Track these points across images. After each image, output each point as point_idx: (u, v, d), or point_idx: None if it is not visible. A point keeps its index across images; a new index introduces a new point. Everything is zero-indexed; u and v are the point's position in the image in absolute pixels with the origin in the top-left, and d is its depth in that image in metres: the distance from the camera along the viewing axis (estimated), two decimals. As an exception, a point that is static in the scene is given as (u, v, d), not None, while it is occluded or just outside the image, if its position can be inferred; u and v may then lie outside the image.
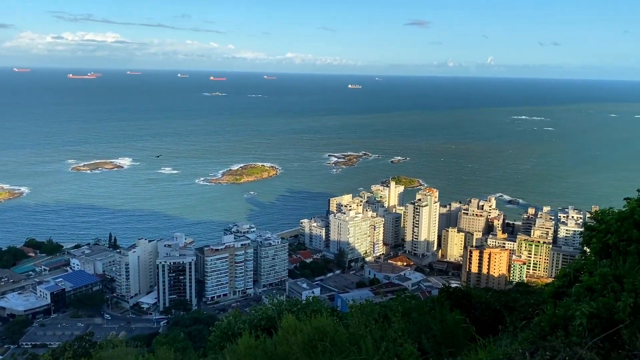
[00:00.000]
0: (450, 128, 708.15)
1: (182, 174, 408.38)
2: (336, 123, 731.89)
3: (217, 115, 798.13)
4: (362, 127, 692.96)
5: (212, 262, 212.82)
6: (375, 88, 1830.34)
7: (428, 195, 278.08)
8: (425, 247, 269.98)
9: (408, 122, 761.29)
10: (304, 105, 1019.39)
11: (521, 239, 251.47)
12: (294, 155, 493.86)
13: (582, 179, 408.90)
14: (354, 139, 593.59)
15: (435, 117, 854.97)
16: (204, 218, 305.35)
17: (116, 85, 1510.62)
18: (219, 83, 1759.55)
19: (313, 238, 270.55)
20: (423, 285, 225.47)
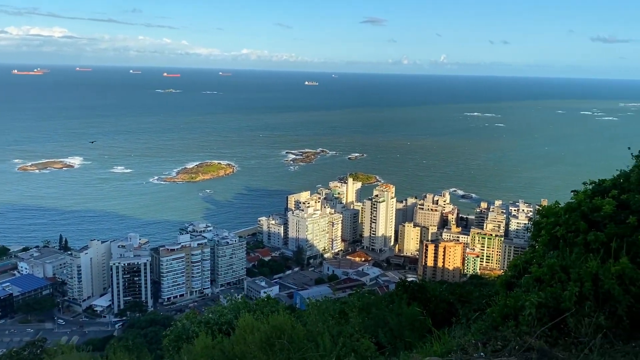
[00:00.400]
0: (406, 125, 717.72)
1: (135, 173, 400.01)
2: (293, 120, 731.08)
3: (171, 112, 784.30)
4: (319, 124, 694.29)
5: (167, 263, 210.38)
6: (331, 85, 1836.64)
7: (385, 191, 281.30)
8: (383, 243, 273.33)
9: (364, 119, 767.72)
10: (261, 102, 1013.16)
11: (474, 233, 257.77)
12: (251, 152, 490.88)
13: (532, 174, 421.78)
14: (311, 135, 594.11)
15: (390, 113, 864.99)
16: (159, 218, 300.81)
17: (65, 82, 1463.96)
18: (173, 79, 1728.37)
19: (271, 236, 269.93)
20: (381, 280, 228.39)
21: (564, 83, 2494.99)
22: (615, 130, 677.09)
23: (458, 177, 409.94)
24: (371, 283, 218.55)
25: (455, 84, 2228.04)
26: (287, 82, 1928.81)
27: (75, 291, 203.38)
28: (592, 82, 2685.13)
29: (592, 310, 9.50)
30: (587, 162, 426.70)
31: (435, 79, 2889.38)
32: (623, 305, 9.58)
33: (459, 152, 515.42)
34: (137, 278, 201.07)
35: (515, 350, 8.89)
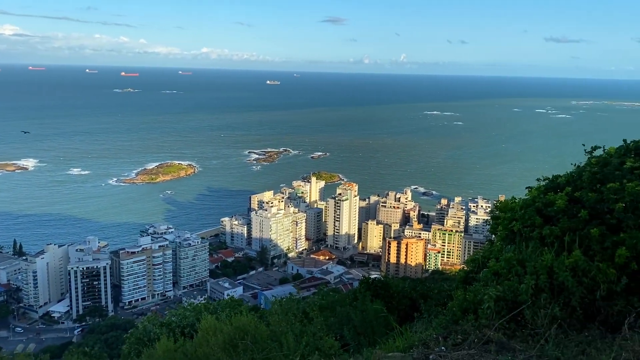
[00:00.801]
0: (368, 124, 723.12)
1: (93, 175, 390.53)
2: (256, 119, 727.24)
3: (130, 112, 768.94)
4: (281, 123, 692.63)
5: (128, 266, 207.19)
6: (293, 84, 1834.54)
7: (348, 190, 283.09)
8: (346, 240, 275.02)
9: (327, 118, 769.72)
10: (222, 101, 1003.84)
11: (435, 229, 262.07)
12: (213, 152, 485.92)
13: (490, 170, 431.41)
14: (274, 135, 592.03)
15: (353, 113, 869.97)
16: (119, 220, 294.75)
17: (17, 81, 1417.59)
18: (131, 79, 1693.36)
19: (234, 236, 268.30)
20: (345, 277, 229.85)
21: (520, 82, 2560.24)
22: (569, 128, 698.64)
23: (419, 175, 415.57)
24: (335, 281, 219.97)
25: (415, 83, 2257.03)
26: (249, 81, 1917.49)
27: (31, 297, 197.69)
28: (546, 81, 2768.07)
29: (547, 302, 9.83)
30: (543, 159, 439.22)
31: (395, 78, 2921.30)
32: (576, 297, 9.95)
33: (419, 150, 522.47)
34: (97, 282, 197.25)
35: (474, 344, 9.10)
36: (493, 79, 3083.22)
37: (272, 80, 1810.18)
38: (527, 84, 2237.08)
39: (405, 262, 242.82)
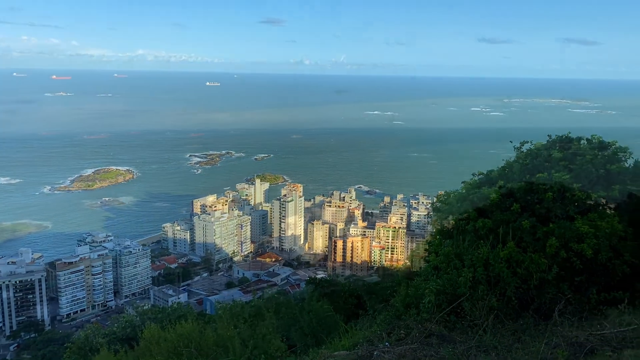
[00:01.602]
0: (310, 124, 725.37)
1: (23, 183, 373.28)
2: (196, 121, 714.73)
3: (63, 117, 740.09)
4: (223, 125, 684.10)
5: (65, 277, 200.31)
6: (234, 85, 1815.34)
7: (293, 191, 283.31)
8: (293, 242, 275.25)
9: (269, 119, 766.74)
10: (158, 103, 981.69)
11: (379, 226, 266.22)
12: (152, 157, 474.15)
13: (429, 167, 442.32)
14: (215, 137, 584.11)
15: (294, 113, 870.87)
16: (54, 230, 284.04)
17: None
18: (64, 82, 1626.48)
19: (177, 242, 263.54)
20: (292, 279, 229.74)
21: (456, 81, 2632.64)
22: (501, 125, 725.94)
23: (362, 174, 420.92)
24: (282, 283, 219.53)
25: (355, 83, 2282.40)
26: (188, 83, 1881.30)
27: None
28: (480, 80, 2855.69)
29: (484, 294, 10.22)
30: (479, 155, 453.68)
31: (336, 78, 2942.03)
32: (511, 287, 10.40)
33: (361, 150, 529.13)
34: (31, 295, 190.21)
35: (416, 338, 9.35)
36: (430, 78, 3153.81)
37: (211, 81, 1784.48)
38: (463, 83, 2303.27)
39: (351, 261, 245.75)
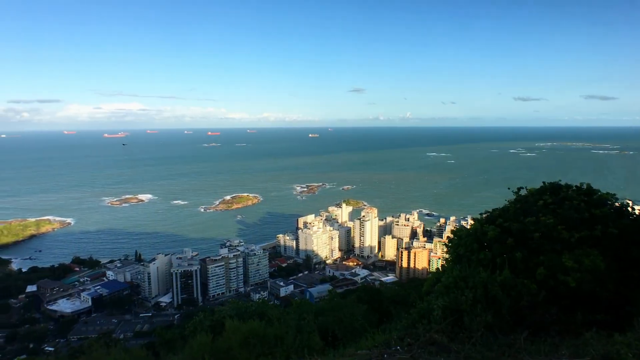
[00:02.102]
0: (383, 163, 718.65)
1: (188, 204, 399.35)
2: (301, 162, 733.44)
3: (214, 160, 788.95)
4: (320, 165, 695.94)
5: (212, 269, 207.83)
6: (328, 136, 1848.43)
7: (370, 213, 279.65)
8: (369, 251, 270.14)
9: (353, 160, 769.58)
10: (277, 150, 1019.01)
11: (436, 241, 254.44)
12: (271, 186, 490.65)
13: (476, 195, 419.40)
14: (314, 173, 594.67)
15: (372, 155, 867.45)
16: (205, 236, 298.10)
17: (140, 142, 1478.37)
18: (215, 137, 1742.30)
19: (286, 248, 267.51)
20: (369, 278, 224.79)
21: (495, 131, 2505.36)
22: (534, 162, 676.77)
23: (423, 200, 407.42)
24: (361, 281, 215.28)
25: (417, 133, 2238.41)
26: (296, 135, 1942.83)
27: (146, 291, 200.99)
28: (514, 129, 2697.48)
29: (482, 311, 9.27)
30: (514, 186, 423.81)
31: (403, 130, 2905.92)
32: (505, 306, 9.34)
33: (423, 182, 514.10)
34: (190, 281, 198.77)
35: (421, 345, 8.63)
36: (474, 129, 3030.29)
37: (313, 133, 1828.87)
38: (500, 132, 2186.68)
39: (414, 267, 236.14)
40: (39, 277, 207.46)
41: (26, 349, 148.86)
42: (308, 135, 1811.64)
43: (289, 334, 10.60)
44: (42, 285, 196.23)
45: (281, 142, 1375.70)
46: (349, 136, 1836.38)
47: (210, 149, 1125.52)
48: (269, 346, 10.24)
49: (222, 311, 18.35)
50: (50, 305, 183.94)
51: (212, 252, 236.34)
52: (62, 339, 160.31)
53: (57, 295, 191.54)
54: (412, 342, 8.93)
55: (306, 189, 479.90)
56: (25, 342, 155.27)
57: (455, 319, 9.28)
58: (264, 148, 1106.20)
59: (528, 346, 7.98)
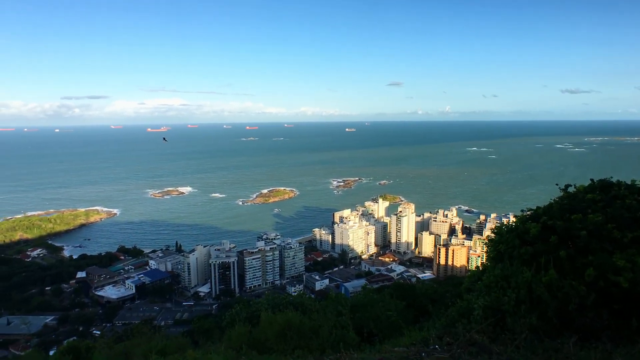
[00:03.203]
0: (422, 158, 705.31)
1: (226, 197, 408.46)
2: (337, 156, 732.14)
3: (251, 154, 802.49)
4: (356, 159, 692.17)
5: (249, 261, 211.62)
6: (365, 130, 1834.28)
7: (407, 208, 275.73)
8: (406, 247, 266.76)
9: (391, 154, 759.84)
10: (314, 144, 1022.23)
11: (476, 238, 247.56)
12: (307, 181, 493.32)
13: (518, 191, 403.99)
14: (351, 167, 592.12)
15: (409, 150, 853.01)
16: (243, 229, 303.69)
17: (181, 136, 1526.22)
18: (253, 131, 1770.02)
19: (322, 242, 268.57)
20: (405, 275, 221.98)
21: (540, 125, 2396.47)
22: (583, 158, 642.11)
23: (462, 196, 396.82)
24: (397, 277, 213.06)
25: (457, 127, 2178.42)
26: (333, 129, 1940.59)
27: (186, 281, 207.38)
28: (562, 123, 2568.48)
29: (526, 312, 8.84)
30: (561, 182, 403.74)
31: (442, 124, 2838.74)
32: (552, 308, 8.86)
33: (462, 177, 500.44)
34: (228, 272, 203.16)
35: (461, 344, 8.35)
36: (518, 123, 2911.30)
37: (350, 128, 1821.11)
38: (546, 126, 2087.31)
39: (452, 264, 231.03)
40: (88, 264, 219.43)
41: (76, 331, 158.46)
42: (345, 129, 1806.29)
43: (324, 328, 10.62)
44: (90, 272, 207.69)
45: (318, 137, 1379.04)
46: (386, 131, 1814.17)
47: (248, 143, 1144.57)
48: (304, 338, 10.32)
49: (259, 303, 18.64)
50: (98, 291, 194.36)
51: (249, 245, 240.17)
52: (108, 323, 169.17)
53: (104, 281, 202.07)
54: (451, 341, 8.68)
55: (342, 184, 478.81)
56: (76, 324, 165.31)
57: (497, 320, 8.92)
58: (301, 142, 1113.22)
59: (577, 352, 7.55)
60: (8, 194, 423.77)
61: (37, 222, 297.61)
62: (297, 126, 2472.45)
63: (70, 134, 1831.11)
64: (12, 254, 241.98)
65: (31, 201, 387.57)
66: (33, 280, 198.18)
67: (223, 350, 12.43)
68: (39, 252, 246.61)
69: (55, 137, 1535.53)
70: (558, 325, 8.94)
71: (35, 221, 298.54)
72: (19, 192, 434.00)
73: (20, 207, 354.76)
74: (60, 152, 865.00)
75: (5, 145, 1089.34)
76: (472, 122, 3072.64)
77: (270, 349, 10.85)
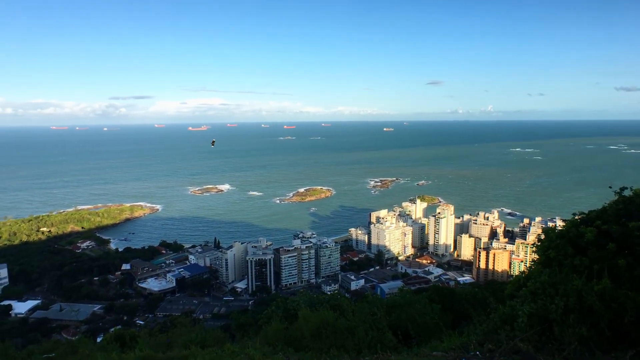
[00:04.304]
0: (461, 158, 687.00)
1: (264, 195, 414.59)
2: (374, 156, 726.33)
3: (289, 153, 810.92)
4: (394, 159, 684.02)
5: (285, 259, 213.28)
6: (403, 130, 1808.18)
7: (445, 210, 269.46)
8: (444, 249, 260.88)
9: (429, 155, 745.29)
10: (351, 144, 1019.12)
11: (519, 242, 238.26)
12: (344, 180, 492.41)
13: (567, 195, 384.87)
14: (388, 167, 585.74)
15: (449, 150, 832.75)
16: (279, 227, 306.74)
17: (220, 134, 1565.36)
18: (290, 130, 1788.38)
19: (358, 242, 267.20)
20: (443, 278, 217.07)
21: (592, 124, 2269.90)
22: None
23: (505, 199, 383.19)
24: (435, 280, 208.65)
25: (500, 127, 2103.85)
26: (370, 129, 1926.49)
27: (224, 276, 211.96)
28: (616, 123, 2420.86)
29: (576, 322, 8.33)
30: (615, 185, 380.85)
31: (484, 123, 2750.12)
32: (605, 320, 8.30)
33: (505, 179, 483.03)
34: (264, 269, 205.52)
35: (504, 352, 8.01)
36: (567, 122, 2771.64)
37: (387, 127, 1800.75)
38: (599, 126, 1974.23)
39: (493, 269, 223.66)
40: (132, 256, 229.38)
41: (121, 320, 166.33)
42: (383, 129, 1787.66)
43: (360, 328, 10.52)
44: (134, 265, 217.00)
45: (355, 136, 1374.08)
46: (425, 130, 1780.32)
47: (286, 142, 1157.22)
48: (340, 338, 10.27)
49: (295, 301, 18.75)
50: (141, 283, 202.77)
51: (285, 243, 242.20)
52: (151, 314, 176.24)
53: (147, 274, 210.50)
54: (493, 348, 8.35)
55: (379, 184, 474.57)
56: (120, 314, 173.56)
57: (543, 329, 8.48)
58: (338, 141, 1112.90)
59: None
60: (62, 188, 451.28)
61: (87, 215, 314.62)
62: (334, 125, 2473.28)
63: (117, 132, 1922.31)
64: (64, 244, 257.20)
65: (81, 195, 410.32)
66: (82, 270, 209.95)
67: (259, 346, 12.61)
68: (88, 244, 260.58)
69: (103, 135, 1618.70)
70: (611, 338, 8.40)
71: (85, 215, 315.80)
72: (71, 187, 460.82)
73: (72, 201, 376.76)
74: (108, 150, 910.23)
75: (60, 143, 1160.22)
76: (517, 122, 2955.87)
77: (306, 347, 10.87)
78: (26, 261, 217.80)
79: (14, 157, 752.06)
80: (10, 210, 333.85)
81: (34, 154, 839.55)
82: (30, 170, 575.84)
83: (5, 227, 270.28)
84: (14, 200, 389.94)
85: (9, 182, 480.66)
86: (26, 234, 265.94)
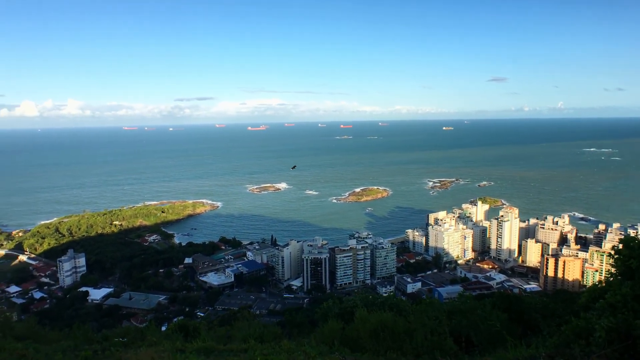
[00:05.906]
0: (528, 158, 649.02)
1: (320, 195, 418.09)
2: (433, 156, 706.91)
3: (345, 152, 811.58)
4: (454, 159, 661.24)
5: (340, 259, 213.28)
6: (464, 129, 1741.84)
7: (509, 213, 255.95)
8: (508, 254, 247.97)
9: (492, 155, 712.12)
10: (409, 143, 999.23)
11: (593, 250, 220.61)
12: (401, 180, 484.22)
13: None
14: (447, 168, 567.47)
15: (513, 150, 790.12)
16: (335, 226, 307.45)
17: (278, 134, 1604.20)
18: (347, 129, 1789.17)
19: (415, 244, 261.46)
20: (506, 284, 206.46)
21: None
22: None
23: (576, 202, 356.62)
24: (497, 286, 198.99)
25: (571, 125, 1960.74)
26: (429, 128, 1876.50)
27: (280, 274, 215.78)
28: None
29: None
30: None
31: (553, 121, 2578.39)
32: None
33: (577, 181, 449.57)
34: (320, 268, 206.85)
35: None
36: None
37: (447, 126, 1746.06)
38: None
39: (562, 277, 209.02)
40: (194, 251, 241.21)
41: (183, 311, 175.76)
42: (442, 128, 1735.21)
43: (419, 332, 10.26)
44: (196, 259, 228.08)
45: (413, 135, 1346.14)
46: (487, 129, 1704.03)
47: (342, 141, 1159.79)
48: (398, 341, 10.10)
49: (351, 300, 18.73)
50: (202, 276, 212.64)
51: (340, 242, 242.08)
52: (210, 307, 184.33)
53: (207, 268, 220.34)
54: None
55: (438, 184, 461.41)
56: (183, 305, 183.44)
57: (625, 346, 7.77)
58: (395, 141, 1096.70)
59: None
60: (132, 184, 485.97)
61: (154, 211, 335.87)
62: (392, 124, 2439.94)
63: (181, 132, 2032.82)
64: (133, 237, 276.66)
65: (149, 192, 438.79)
66: (149, 262, 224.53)
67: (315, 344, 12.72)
68: (155, 237, 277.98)
69: (169, 135, 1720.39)
70: None
71: (152, 210, 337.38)
72: (140, 183, 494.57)
73: (140, 197, 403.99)
74: (173, 149, 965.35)
75: (130, 143, 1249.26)
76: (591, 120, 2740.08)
77: (362, 348, 10.81)
78: (101, 251, 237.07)
79: (93, 156, 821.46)
80: (88, 205, 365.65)
81: (109, 151, 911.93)
82: (105, 168, 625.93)
83: (84, 220, 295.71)
84: (90, 195, 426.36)
85: (87, 179, 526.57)
86: (101, 227, 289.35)
